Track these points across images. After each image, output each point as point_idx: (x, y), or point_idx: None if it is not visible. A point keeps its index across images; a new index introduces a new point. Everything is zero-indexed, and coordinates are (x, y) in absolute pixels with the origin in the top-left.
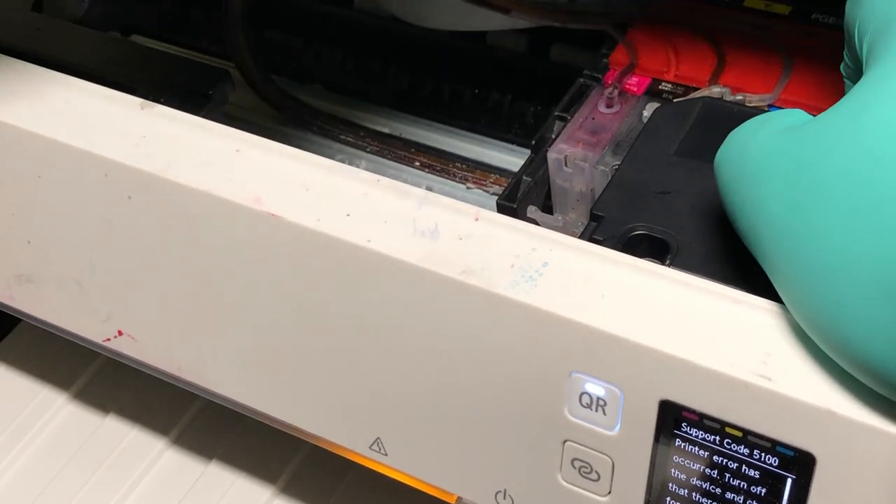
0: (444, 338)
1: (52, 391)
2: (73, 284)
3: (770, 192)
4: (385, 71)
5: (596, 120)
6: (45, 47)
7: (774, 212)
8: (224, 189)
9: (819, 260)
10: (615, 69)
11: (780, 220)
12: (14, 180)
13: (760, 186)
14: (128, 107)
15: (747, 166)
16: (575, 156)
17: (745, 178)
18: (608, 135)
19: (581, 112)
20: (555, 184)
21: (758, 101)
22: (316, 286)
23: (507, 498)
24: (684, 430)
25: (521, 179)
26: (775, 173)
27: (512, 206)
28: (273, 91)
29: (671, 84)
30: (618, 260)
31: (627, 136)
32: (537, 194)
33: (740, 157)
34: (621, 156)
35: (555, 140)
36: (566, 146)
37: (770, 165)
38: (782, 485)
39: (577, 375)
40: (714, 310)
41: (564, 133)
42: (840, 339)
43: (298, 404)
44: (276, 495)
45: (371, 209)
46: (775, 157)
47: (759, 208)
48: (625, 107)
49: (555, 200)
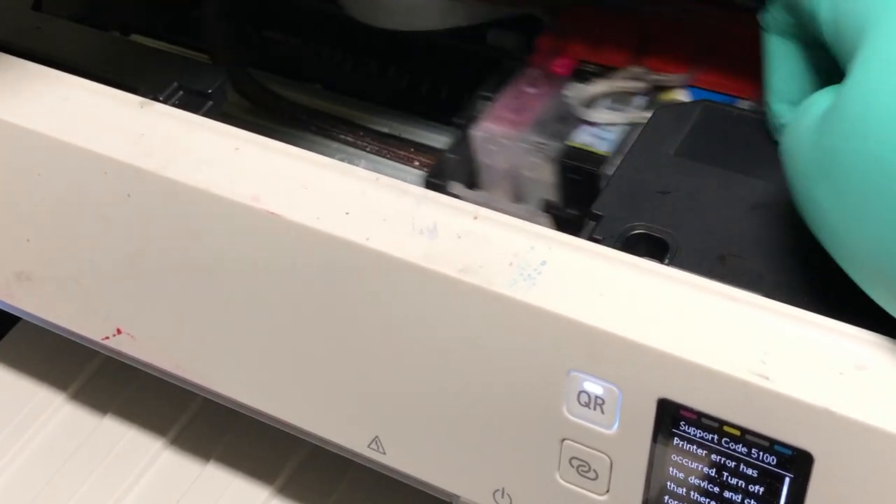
0: (443, 336)
1: (50, 391)
2: (73, 282)
3: (815, 187)
4: (384, 71)
5: (520, 100)
6: (44, 46)
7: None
8: (223, 187)
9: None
10: (542, 52)
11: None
12: (14, 178)
13: (809, 184)
14: (127, 105)
15: (797, 163)
16: (498, 134)
17: (798, 175)
18: (531, 114)
19: (506, 92)
20: (480, 161)
21: (675, 81)
22: (315, 284)
23: (506, 496)
24: (682, 428)
25: (448, 157)
26: (816, 170)
27: (440, 182)
28: (250, 85)
29: (594, 65)
30: (617, 259)
31: (549, 116)
32: (464, 171)
33: (791, 152)
34: (543, 134)
35: (480, 119)
36: (491, 124)
37: (809, 162)
38: (780, 484)
39: (576, 374)
40: (713, 309)
41: (489, 112)
42: None
43: (297, 403)
44: (273, 496)
45: (370, 207)
46: (811, 152)
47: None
48: (548, 87)
49: (481, 177)
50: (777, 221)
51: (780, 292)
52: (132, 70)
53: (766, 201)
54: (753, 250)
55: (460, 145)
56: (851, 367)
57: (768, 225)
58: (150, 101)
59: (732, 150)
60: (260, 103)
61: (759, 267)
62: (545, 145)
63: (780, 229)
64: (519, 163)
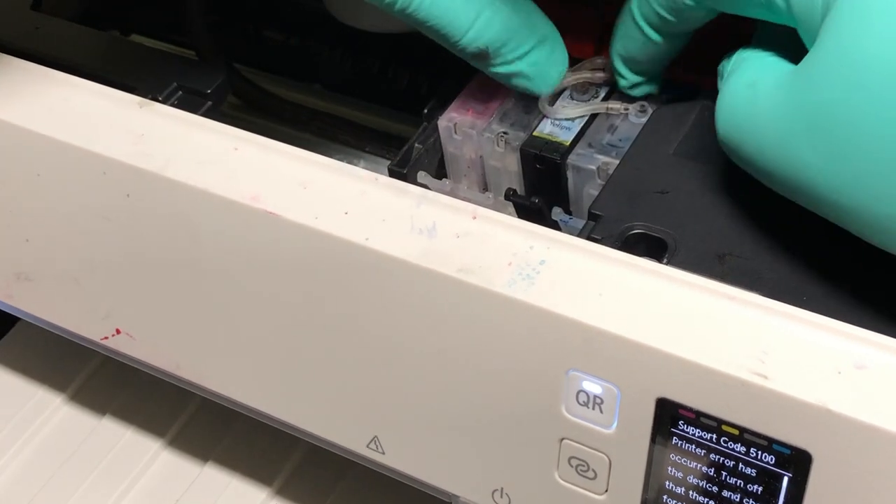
0: (442, 336)
1: (49, 392)
2: (72, 283)
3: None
4: (385, 71)
5: (486, 90)
6: (44, 46)
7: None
8: (222, 187)
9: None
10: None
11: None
12: (13, 178)
13: (789, 144)
14: (126, 105)
15: (766, 129)
16: (463, 124)
17: (770, 139)
18: (496, 103)
19: (473, 82)
20: (447, 151)
21: None
22: (314, 284)
23: (505, 496)
24: (681, 428)
25: (413, 147)
26: (798, 129)
27: (402, 171)
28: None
29: None
30: (615, 258)
31: (514, 106)
32: (429, 161)
33: (755, 120)
34: (507, 123)
35: (445, 109)
36: (456, 114)
37: (787, 123)
38: (779, 483)
39: (575, 373)
40: (711, 308)
41: (455, 102)
42: None
43: (296, 402)
44: (272, 496)
45: (369, 207)
46: (788, 112)
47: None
48: None
49: (448, 168)
50: (776, 220)
51: (779, 292)
52: (132, 70)
53: (765, 201)
54: (752, 250)
55: (426, 135)
56: (850, 366)
57: (768, 224)
58: (149, 102)
59: None
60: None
61: (758, 266)
62: (509, 135)
63: (780, 228)
64: (484, 152)
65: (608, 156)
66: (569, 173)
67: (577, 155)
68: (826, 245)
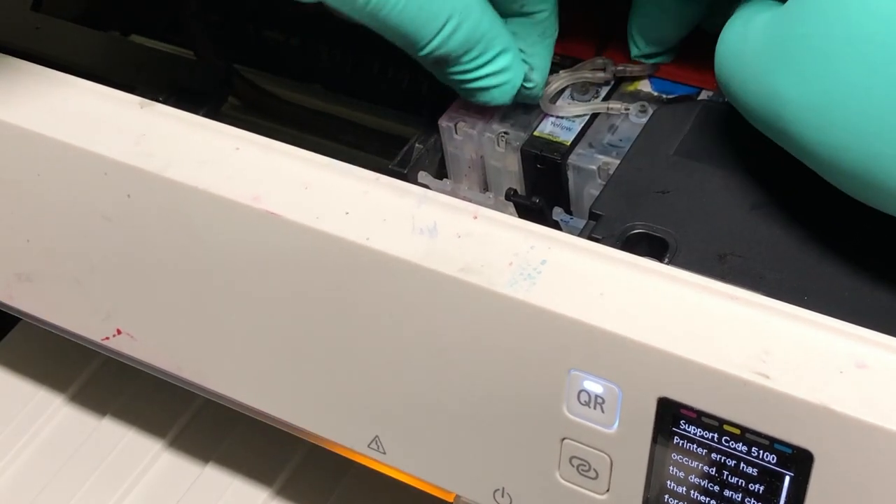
0: (443, 336)
1: (50, 392)
2: (73, 283)
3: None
4: (385, 71)
5: None
6: (44, 46)
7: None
8: (223, 187)
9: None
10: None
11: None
12: (14, 179)
13: (771, 78)
14: (127, 106)
15: (749, 63)
16: (464, 124)
17: (752, 73)
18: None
19: None
20: (447, 151)
21: (638, 72)
22: (315, 284)
23: (506, 496)
24: (682, 427)
25: (414, 147)
26: (780, 61)
27: (402, 171)
28: (237, 80)
29: (559, 56)
30: (616, 258)
31: (515, 106)
32: (430, 161)
33: (741, 54)
34: (508, 123)
35: (446, 109)
36: (457, 114)
37: (769, 56)
38: (780, 482)
39: (576, 373)
40: (712, 307)
41: (456, 102)
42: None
43: (297, 402)
44: (273, 496)
45: (370, 207)
46: (770, 45)
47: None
48: None
49: (449, 168)
50: (777, 220)
51: (780, 291)
52: (132, 70)
53: (765, 200)
54: (753, 249)
55: (426, 135)
56: (851, 365)
57: (768, 224)
58: (150, 102)
59: (732, 149)
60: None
61: (759, 266)
62: (510, 135)
63: (780, 228)
64: (484, 152)
65: (609, 156)
66: (569, 173)
67: (578, 155)
68: (827, 244)
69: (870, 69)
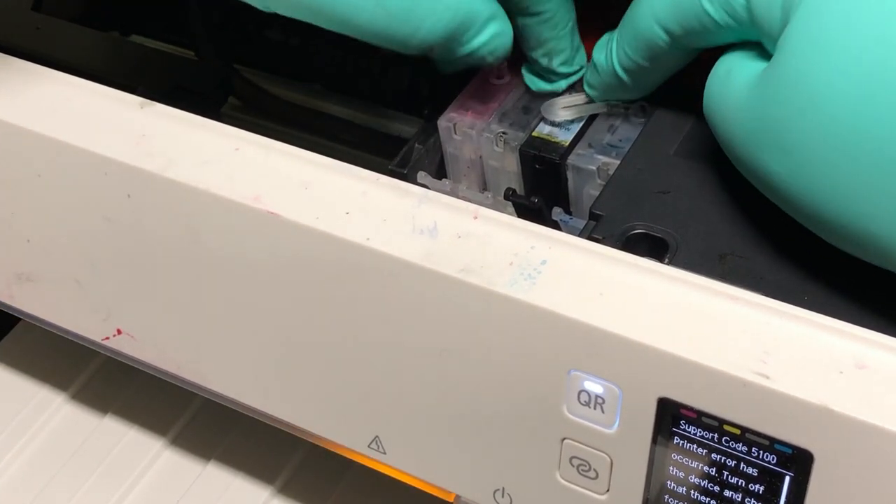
0: (443, 336)
1: (51, 391)
2: (73, 283)
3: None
4: (385, 71)
5: (485, 90)
6: (44, 46)
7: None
8: (223, 187)
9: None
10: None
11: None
12: (14, 179)
13: (755, 150)
14: (127, 106)
15: (735, 130)
16: (463, 124)
17: (739, 141)
18: (496, 104)
19: (472, 82)
20: (446, 151)
21: None
22: (315, 284)
23: (506, 496)
24: (682, 427)
25: (413, 147)
26: (762, 138)
27: (402, 171)
28: (237, 80)
29: None
30: (617, 258)
31: (514, 106)
32: (429, 161)
33: (724, 118)
34: (506, 124)
35: (445, 109)
36: (455, 114)
37: (752, 130)
38: (780, 482)
39: (576, 373)
40: (713, 308)
41: (455, 102)
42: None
43: (297, 402)
44: (273, 495)
45: (370, 207)
46: (752, 121)
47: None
48: (514, 78)
49: (448, 168)
50: (777, 220)
51: (780, 291)
52: (132, 70)
53: (765, 200)
54: (753, 249)
55: (426, 135)
56: (851, 365)
57: (768, 224)
58: (150, 102)
59: None
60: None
61: (759, 266)
62: (509, 135)
63: (780, 228)
64: (483, 152)
65: (608, 156)
66: (569, 174)
67: (577, 155)
68: (827, 244)
69: (844, 154)
